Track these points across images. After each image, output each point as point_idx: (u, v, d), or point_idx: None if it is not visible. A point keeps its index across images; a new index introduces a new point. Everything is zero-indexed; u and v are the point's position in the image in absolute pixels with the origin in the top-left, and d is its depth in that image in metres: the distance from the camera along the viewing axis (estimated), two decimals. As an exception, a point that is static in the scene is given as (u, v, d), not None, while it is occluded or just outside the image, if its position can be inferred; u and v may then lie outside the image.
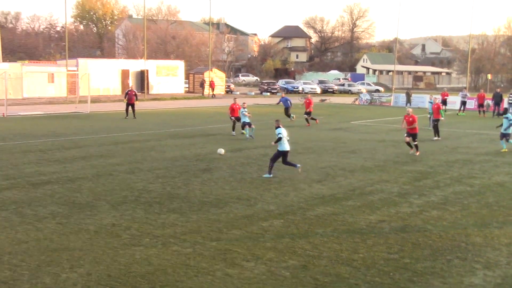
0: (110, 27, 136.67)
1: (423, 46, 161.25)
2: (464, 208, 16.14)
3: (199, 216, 14.62)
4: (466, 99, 52.34)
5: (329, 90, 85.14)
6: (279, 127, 20.16)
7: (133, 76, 68.77)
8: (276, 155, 20.21)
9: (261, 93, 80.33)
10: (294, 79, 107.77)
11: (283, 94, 43.47)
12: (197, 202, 16.17)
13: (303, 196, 17.23)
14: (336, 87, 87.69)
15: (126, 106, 40.76)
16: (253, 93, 79.80)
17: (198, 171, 20.73)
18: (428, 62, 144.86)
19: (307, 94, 40.05)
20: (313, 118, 38.26)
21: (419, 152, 25.28)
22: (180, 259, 11.40)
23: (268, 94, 78.92)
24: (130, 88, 42.72)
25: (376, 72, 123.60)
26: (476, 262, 11.65)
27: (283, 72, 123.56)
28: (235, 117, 31.74)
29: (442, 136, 31.18)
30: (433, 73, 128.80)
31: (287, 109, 41.04)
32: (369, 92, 75.53)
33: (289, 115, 40.58)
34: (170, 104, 57.24)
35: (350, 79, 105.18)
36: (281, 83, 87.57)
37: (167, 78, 73.68)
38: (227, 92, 78.75)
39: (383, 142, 29.89)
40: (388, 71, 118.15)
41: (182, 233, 13.17)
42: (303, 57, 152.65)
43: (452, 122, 41.87)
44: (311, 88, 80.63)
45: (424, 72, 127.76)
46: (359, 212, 15.37)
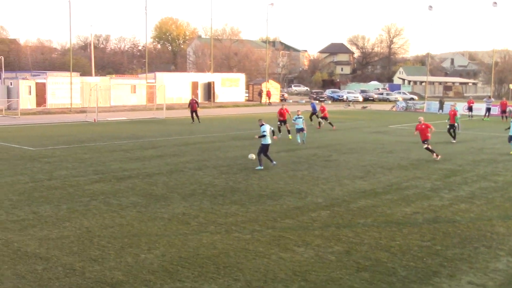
0: (182, 46, 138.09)
1: (452, 60, 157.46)
2: (489, 201, 15.72)
3: (257, 207, 14.60)
4: (490, 106, 51.00)
5: (369, 98, 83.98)
6: (262, 125, 20.99)
7: (201, 87, 69.19)
8: (261, 148, 20.86)
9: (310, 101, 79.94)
10: (339, 88, 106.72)
11: (312, 100, 42.69)
12: (255, 195, 16.16)
13: (347, 190, 17.03)
14: (375, 96, 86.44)
15: (190, 113, 41.32)
16: (303, 101, 79.37)
17: (256, 168, 20.70)
18: (456, 74, 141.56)
19: (321, 102, 38.47)
20: (330, 123, 36.99)
21: (439, 156, 23.48)
22: (240, 244, 11.39)
23: (317, 102, 78.38)
24: (192, 97, 43.24)
25: (411, 83, 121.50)
26: (500, 249, 11.33)
27: (329, 82, 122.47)
28: (283, 120, 31.57)
29: (469, 139, 30.53)
30: (461, 83, 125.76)
31: (313, 113, 40.25)
32: (404, 100, 74.28)
33: (319, 122, 38.43)
34: (233, 111, 57.46)
35: (388, 88, 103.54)
36: (328, 92, 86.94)
37: (230, 88, 73.91)
38: (281, 100, 78.53)
39: (417, 144, 29.27)
40: (421, 82, 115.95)
41: (242, 221, 13.17)
42: (347, 69, 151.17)
43: (478, 126, 40.89)
44: (354, 97, 79.72)
45: (453, 83, 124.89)
46: (396, 205, 15.11)
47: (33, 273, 9.63)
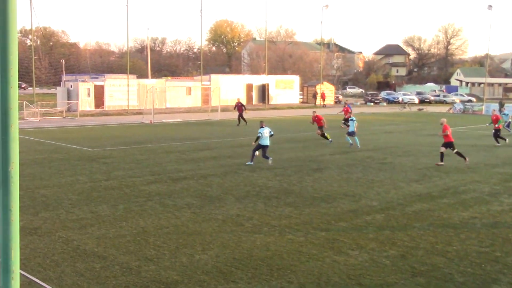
0: (237, 48, 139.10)
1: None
2: (552, 207, 15.17)
3: (311, 210, 14.53)
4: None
5: (425, 100, 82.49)
6: (262, 127, 21.89)
7: (256, 89, 69.51)
8: (257, 146, 21.78)
9: (365, 103, 79.12)
10: (395, 90, 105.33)
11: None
12: (309, 197, 16.08)
13: (402, 193, 16.76)
14: (432, 98, 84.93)
15: (238, 116, 41.22)
16: (358, 103, 78.65)
17: (310, 171, 20.63)
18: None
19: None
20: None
21: (467, 160, 22.47)
22: (294, 246, 11.35)
23: (372, 104, 77.65)
24: (238, 100, 43.06)
25: (469, 84, 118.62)
26: None
27: (384, 84, 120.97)
28: (320, 126, 29.76)
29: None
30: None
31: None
32: (462, 102, 72.67)
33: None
34: (287, 113, 57.38)
35: (445, 90, 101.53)
36: (383, 94, 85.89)
37: (284, 90, 73.87)
38: (336, 102, 78.08)
39: (475, 147, 28.65)
40: (479, 83, 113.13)
41: (296, 224, 13.12)
42: (403, 71, 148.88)
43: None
44: (410, 99, 78.47)
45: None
46: (453, 209, 14.76)
47: (91, 271, 9.85)
